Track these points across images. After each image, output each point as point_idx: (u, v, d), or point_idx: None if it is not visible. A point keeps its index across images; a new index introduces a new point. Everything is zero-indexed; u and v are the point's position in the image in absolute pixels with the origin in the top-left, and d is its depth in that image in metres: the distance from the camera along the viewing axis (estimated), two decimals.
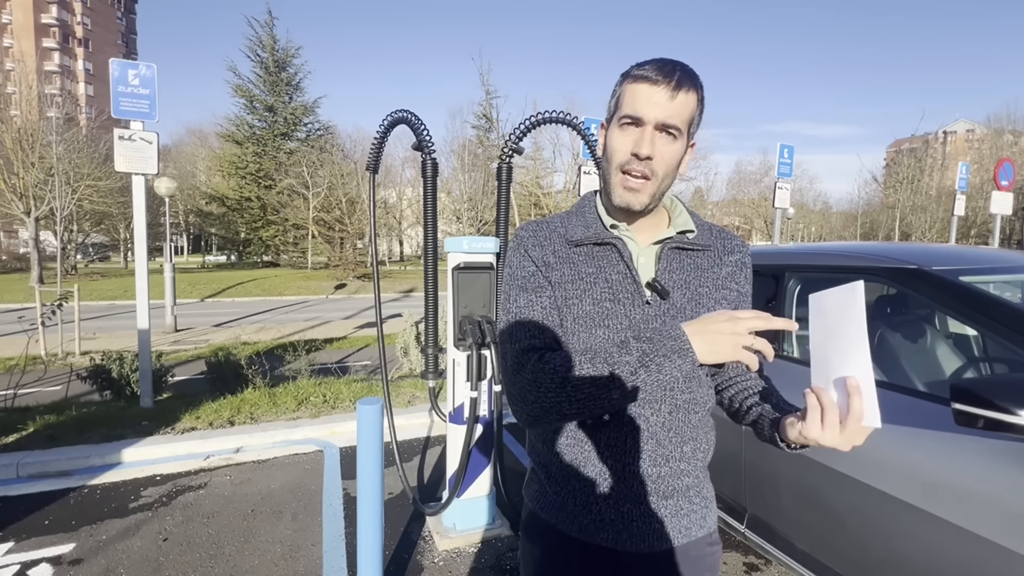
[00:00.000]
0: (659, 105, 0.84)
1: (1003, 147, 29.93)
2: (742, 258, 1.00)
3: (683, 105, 0.84)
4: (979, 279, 1.90)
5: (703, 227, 0.99)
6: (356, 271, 25.84)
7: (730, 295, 0.97)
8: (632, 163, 0.86)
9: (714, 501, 1.03)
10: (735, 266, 0.99)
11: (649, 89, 0.84)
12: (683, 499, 0.95)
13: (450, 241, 2.60)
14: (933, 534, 1.47)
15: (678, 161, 0.89)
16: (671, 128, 0.85)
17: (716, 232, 1.01)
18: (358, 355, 8.62)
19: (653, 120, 0.84)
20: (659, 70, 0.84)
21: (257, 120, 32.87)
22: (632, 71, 0.87)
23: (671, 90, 0.83)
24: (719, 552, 1.01)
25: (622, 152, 0.87)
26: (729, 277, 0.97)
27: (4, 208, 23.03)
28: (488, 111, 32.38)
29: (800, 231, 41.97)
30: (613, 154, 0.89)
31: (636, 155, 0.85)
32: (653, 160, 0.85)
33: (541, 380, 0.84)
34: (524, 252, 0.97)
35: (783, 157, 7.66)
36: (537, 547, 1.02)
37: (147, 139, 4.39)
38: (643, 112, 0.84)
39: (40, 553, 2.56)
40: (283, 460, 3.69)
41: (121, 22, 68.40)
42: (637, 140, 0.85)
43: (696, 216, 1.01)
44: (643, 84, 0.85)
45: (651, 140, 0.85)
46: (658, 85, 0.83)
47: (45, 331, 7.54)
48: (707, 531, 0.98)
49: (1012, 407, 1.20)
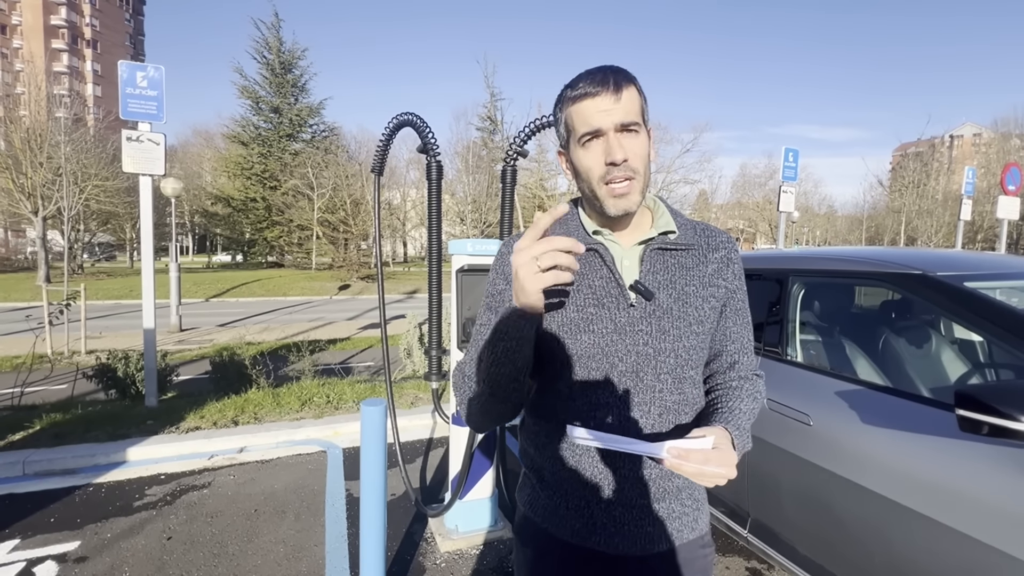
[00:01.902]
0: (610, 111, 0.85)
1: (1010, 151, 29.73)
2: (728, 254, 0.99)
3: (630, 101, 0.86)
4: (984, 285, 1.89)
5: (686, 226, 0.99)
6: (360, 272, 25.91)
7: (718, 292, 0.96)
8: (612, 171, 0.87)
9: (706, 502, 1.03)
10: (721, 262, 0.98)
11: (593, 102, 0.86)
12: (675, 501, 0.95)
13: (454, 243, 2.61)
14: (936, 540, 1.47)
15: (648, 152, 0.90)
16: (630, 126, 0.86)
17: (701, 230, 1.00)
18: (362, 356, 8.64)
19: (612, 126, 0.85)
20: (593, 81, 0.86)
21: (263, 121, 33.03)
22: (568, 94, 0.89)
23: (614, 93, 0.85)
24: (712, 554, 1.01)
25: (597, 166, 0.88)
26: (715, 274, 0.97)
27: (12, 207, 23.25)
28: (492, 113, 32.45)
29: (805, 235, 41.83)
30: (588, 172, 0.89)
31: (613, 163, 0.86)
32: (629, 160, 0.86)
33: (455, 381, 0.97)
34: (499, 269, 0.99)
35: (788, 160, 7.65)
36: (530, 551, 1.02)
37: (154, 140, 4.42)
38: (599, 123, 0.86)
39: (45, 551, 2.58)
40: (286, 460, 3.71)
41: (129, 24, 68.91)
42: (606, 150, 0.86)
43: (680, 216, 1.01)
44: (586, 100, 0.86)
45: (619, 143, 0.86)
46: (600, 95, 0.85)
47: (52, 330, 7.59)
48: (699, 533, 0.98)
49: (1017, 414, 1.19)
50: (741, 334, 1.01)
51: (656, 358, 0.91)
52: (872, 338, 2.15)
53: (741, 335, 1.01)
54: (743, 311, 1.02)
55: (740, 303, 1.01)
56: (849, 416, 1.79)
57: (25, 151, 21.81)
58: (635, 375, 0.90)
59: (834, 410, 1.85)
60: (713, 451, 0.78)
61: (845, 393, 1.88)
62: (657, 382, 0.91)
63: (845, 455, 1.75)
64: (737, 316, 1.00)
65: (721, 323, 0.99)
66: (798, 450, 1.90)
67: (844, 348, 2.20)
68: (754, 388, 0.99)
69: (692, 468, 0.76)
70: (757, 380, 1.02)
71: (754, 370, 1.02)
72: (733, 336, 1.00)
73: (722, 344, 1.00)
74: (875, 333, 2.17)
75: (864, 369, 2.04)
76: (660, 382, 0.91)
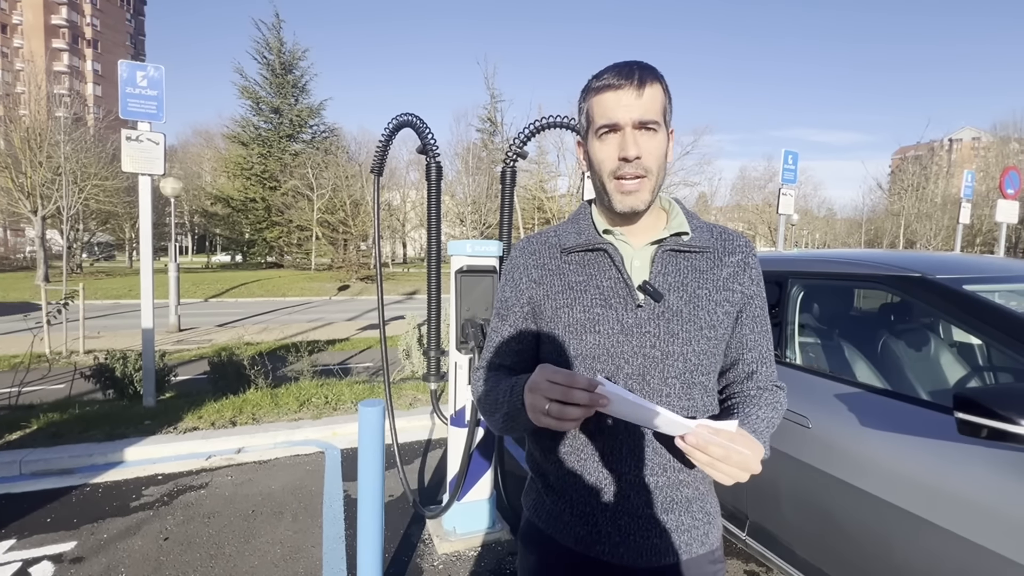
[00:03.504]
0: (630, 106, 0.84)
1: (1009, 155, 29.79)
2: (745, 258, 0.95)
3: (652, 99, 0.85)
4: (983, 288, 1.89)
5: (702, 228, 0.96)
6: (359, 273, 25.89)
7: (733, 296, 0.93)
8: (623, 167, 0.86)
9: (719, 517, 0.99)
10: (737, 267, 0.94)
11: (615, 94, 0.85)
12: (684, 514, 0.92)
13: (453, 244, 2.61)
14: (935, 544, 1.46)
15: (664, 152, 0.89)
16: (649, 124, 0.85)
17: (717, 233, 0.97)
18: (360, 357, 8.62)
19: (630, 121, 0.85)
20: (618, 74, 0.85)
21: (263, 122, 33.05)
22: (592, 84, 0.88)
23: (636, 89, 0.84)
24: (722, 571, 0.97)
25: (609, 160, 0.87)
26: (731, 278, 0.93)
27: (12, 207, 23.21)
28: (493, 114, 32.50)
29: (804, 237, 41.88)
30: (601, 165, 0.89)
31: (625, 159, 0.86)
32: (642, 158, 0.86)
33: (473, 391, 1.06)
34: (509, 274, 1.02)
35: (787, 163, 7.66)
36: (533, 556, 1.01)
37: (154, 140, 4.42)
38: (618, 117, 0.85)
39: (42, 551, 2.57)
40: (284, 461, 3.70)
41: (130, 24, 68.95)
42: (621, 144, 0.86)
43: (695, 218, 0.98)
44: (608, 92, 0.86)
45: (634, 140, 0.85)
46: (623, 88, 0.85)
47: (50, 329, 7.58)
48: (709, 548, 0.95)
49: (1016, 417, 1.19)
50: (759, 342, 0.96)
51: (664, 361, 0.88)
52: (871, 341, 2.14)
53: (759, 343, 0.96)
54: (761, 319, 0.97)
55: (758, 310, 0.97)
56: (848, 419, 1.79)
57: (25, 150, 21.79)
58: (641, 378, 0.88)
59: (833, 413, 1.85)
60: (739, 434, 0.77)
61: (844, 396, 1.88)
62: (664, 386, 0.88)
63: (844, 458, 1.75)
64: (755, 324, 0.96)
65: (737, 330, 0.95)
66: (797, 453, 1.90)
67: (843, 351, 2.20)
68: (774, 398, 0.95)
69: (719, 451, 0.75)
70: (778, 391, 0.97)
71: (775, 381, 0.98)
72: (750, 344, 0.96)
73: (739, 352, 0.96)
74: (874, 336, 2.17)
75: (863, 372, 2.04)
76: (667, 386, 0.88)
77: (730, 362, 0.97)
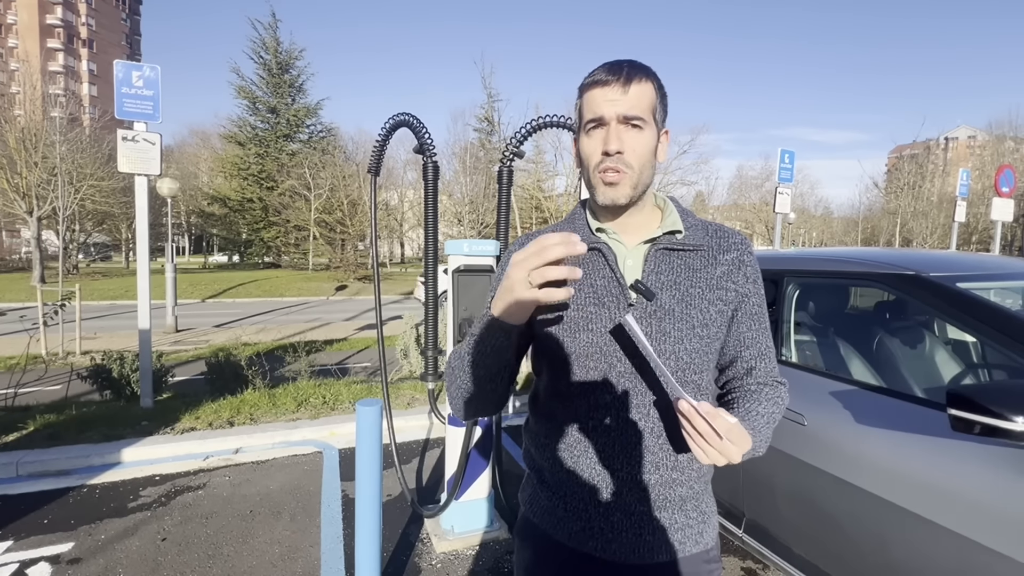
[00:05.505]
0: (615, 101, 0.86)
1: (1004, 153, 29.92)
2: (740, 256, 0.95)
3: (639, 96, 0.86)
4: (977, 286, 1.90)
5: (696, 226, 0.96)
6: (357, 273, 25.87)
7: (726, 295, 0.92)
8: (605, 161, 0.87)
9: (714, 516, 0.99)
10: (731, 264, 0.94)
11: (603, 90, 0.86)
12: (678, 512, 0.93)
13: (451, 244, 2.61)
14: (930, 539, 1.48)
15: (651, 150, 0.89)
16: (633, 120, 0.86)
17: (712, 231, 0.97)
18: (358, 357, 8.62)
19: (614, 116, 0.86)
20: (607, 71, 0.87)
21: (260, 121, 32.96)
22: (584, 81, 0.90)
23: (623, 84, 0.85)
24: (718, 570, 0.97)
25: (594, 154, 0.89)
26: (725, 276, 0.93)
27: (7, 207, 23.11)
28: (490, 114, 32.45)
29: (801, 236, 41.99)
30: (587, 158, 0.90)
31: (606, 153, 0.87)
32: (624, 154, 0.86)
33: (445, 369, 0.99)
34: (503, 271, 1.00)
35: (784, 162, 7.69)
36: (528, 551, 1.02)
37: (150, 140, 4.41)
38: (603, 112, 0.86)
39: (39, 552, 2.56)
40: (282, 461, 3.70)
41: (125, 23, 68.69)
42: (604, 139, 0.87)
43: (690, 216, 0.98)
44: (596, 88, 0.87)
45: (617, 135, 0.86)
46: (609, 84, 0.86)
47: (46, 330, 7.55)
48: (704, 548, 0.95)
49: (1008, 413, 1.20)
50: (757, 339, 0.96)
51: None
52: (866, 338, 2.16)
53: (757, 340, 0.96)
54: (759, 315, 0.97)
55: (755, 307, 0.96)
56: (843, 416, 1.80)
57: (20, 151, 21.68)
58: (635, 376, 0.89)
59: (828, 410, 1.86)
60: (735, 424, 0.77)
61: (839, 393, 1.89)
62: (657, 384, 0.89)
63: (839, 455, 1.76)
64: (752, 321, 0.96)
65: (734, 328, 0.95)
66: (792, 450, 1.91)
67: (838, 348, 2.21)
68: (775, 394, 0.94)
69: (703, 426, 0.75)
70: (779, 387, 0.97)
71: (775, 377, 0.97)
72: (748, 341, 0.95)
73: (736, 350, 0.96)
74: (869, 333, 2.18)
75: (858, 369, 2.05)
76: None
77: (728, 360, 0.97)
